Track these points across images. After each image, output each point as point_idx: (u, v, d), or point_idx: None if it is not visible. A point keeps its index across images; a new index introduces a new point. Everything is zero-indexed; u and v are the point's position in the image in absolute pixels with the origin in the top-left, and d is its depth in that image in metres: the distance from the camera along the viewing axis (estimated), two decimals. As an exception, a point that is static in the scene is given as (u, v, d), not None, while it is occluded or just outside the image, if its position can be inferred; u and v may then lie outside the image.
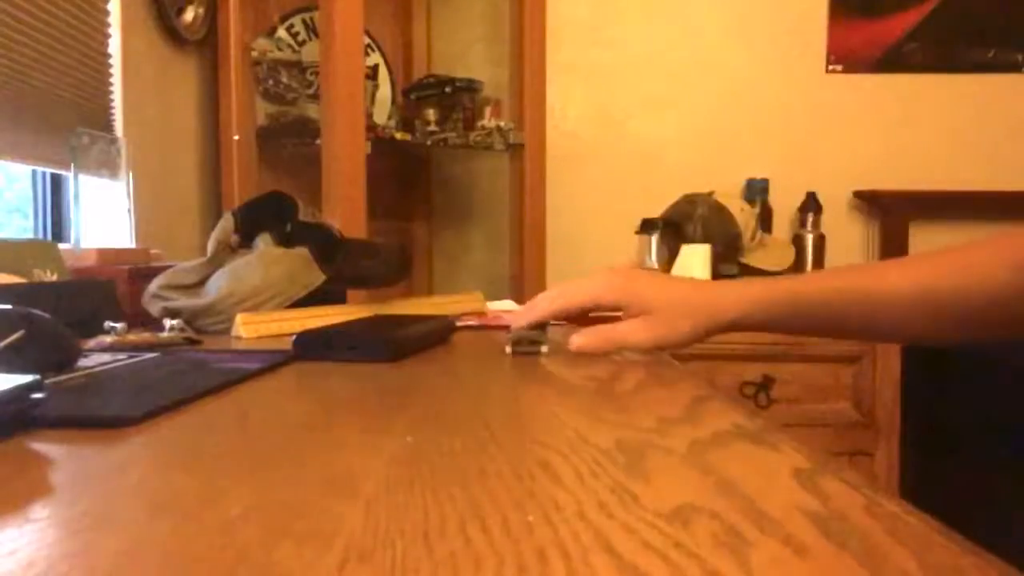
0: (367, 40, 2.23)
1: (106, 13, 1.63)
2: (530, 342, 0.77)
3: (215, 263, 1.05)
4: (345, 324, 0.88)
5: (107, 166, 1.44)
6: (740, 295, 0.73)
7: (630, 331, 0.72)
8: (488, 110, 2.24)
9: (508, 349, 0.77)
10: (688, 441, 0.43)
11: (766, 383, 1.96)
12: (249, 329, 0.94)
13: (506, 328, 0.83)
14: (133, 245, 1.49)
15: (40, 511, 0.33)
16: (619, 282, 0.75)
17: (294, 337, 0.77)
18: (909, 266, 0.70)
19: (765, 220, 2.39)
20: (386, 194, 2.25)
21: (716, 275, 2.06)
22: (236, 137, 2.01)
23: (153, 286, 1.02)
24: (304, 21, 2.23)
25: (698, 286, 0.77)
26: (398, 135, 2.16)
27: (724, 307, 0.73)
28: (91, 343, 0.80)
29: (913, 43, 2.50)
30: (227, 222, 1.08)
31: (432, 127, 2.21)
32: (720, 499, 0.33)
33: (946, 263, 0.68)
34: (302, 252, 1.03)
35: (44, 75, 1.43)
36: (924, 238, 2.48)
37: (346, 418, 0.54)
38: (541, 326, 0.79)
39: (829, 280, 0.74)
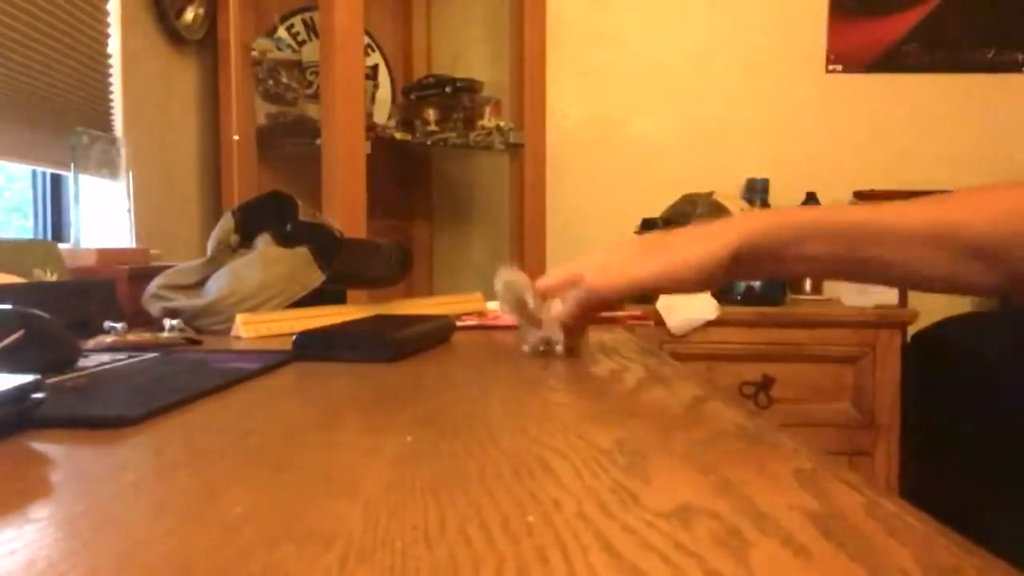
0: (367, 40, 2.23)
1: (106, 13, 1.63)
2: (549, 342, 0.78)
3: (215, 263, 1.05)
4: (345, 324, 0.88)
5: (107, 166, 1.44)
6: (747, 222, 0.69)
7: (629, 262, 0.71)
8: (488, 110, 2.24)
9: (526, 348, 0.78)
10: (688, 441, 0.43)
11: (766, 383, 1.96)
12: (249, 329, 0.94)
13: (512, 328, 0.83)
14: (133, 245, 1.49)
15: (40, 511, 0.33)
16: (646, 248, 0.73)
17: (294, 337, 0.77)
18: (924, 203, 0.66)
19: (765, 220, 2.39)
20: (386, 194, 2.25)
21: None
22: (236, 137, 2.01)
23: (153, 286, 1.02)
24: (304, 21, 2.23)
25: (701, 225, 0.73)
26: (398, 135, 2.16)
27: (728, 237, 0.67)
28: (91, 343, 0.80)
29: (913, 43, 2.50)
30: (227, 222, 1.08)
31: (432, 127, 2.21)
32: (720, 499, 0.33)
33: (957, 201, 0.64)
34: (302, 252, 1.03)
35: (44, 75, 1.43)
36: (924, 238, 2.47)
37: (346, 418, 0.54)
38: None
39: (839, 212, 0.69)
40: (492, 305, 1.24)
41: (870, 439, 1.96)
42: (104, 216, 1.44)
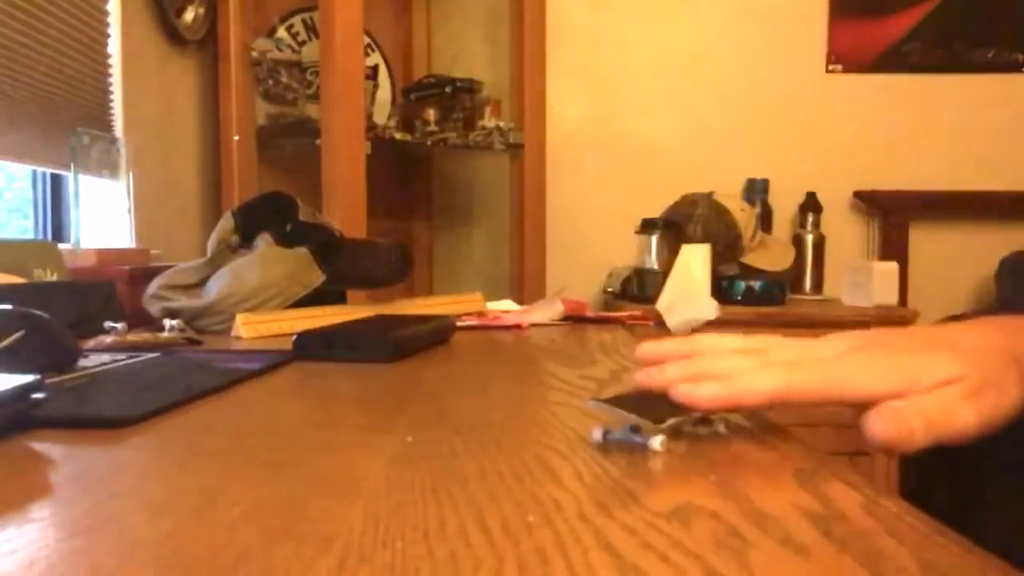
0: (367, 40, 2.23)
1: (106, 13, 1.63)
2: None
3: (215, 263, 1.05)
4: (345, 324, 0.88)
5: (107, 166, 1.44)
6: None
7: (950, 407, 0.43)
8: (488, 110, 2.24)
9: (598, 436, 0.42)
10: (688, 441, 0.43)
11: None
12: (249, 329, 0.94)
13: (513, 327, 0.82)
14: (133, 245, 1.49)
15: (40, 511, 0.33)
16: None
17: (294, 337, 0.77)
18: None
19: (765, 220, 2.39)
20: (386, 194, 2.25)
21: (716, 275, 2.06)
22: (236, 137, 2.01)
23: (153, 286, 1.02)
24: (304, 21, 2.23)
25: (986, 328, 0.49)
26: (398, 135, 2.15)
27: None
28: (91, 343, 0.80)
29: (913, 43, 2.50)
30: (227, 222, 1.08)
31: (432, 127, 2.21)
32: (720, 499, 0.33)
33: None
34: (302, 252, 1.03)
35: (44, 75, 1.43)
36: (924, 238, 2.48)
37: (346, 418, 0.54)
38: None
39: None
40: (492, 305, 1.24)
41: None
42: (104, 216, 1.44)
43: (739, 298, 2.06)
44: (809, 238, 2.36)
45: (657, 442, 0.40)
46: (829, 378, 0.44)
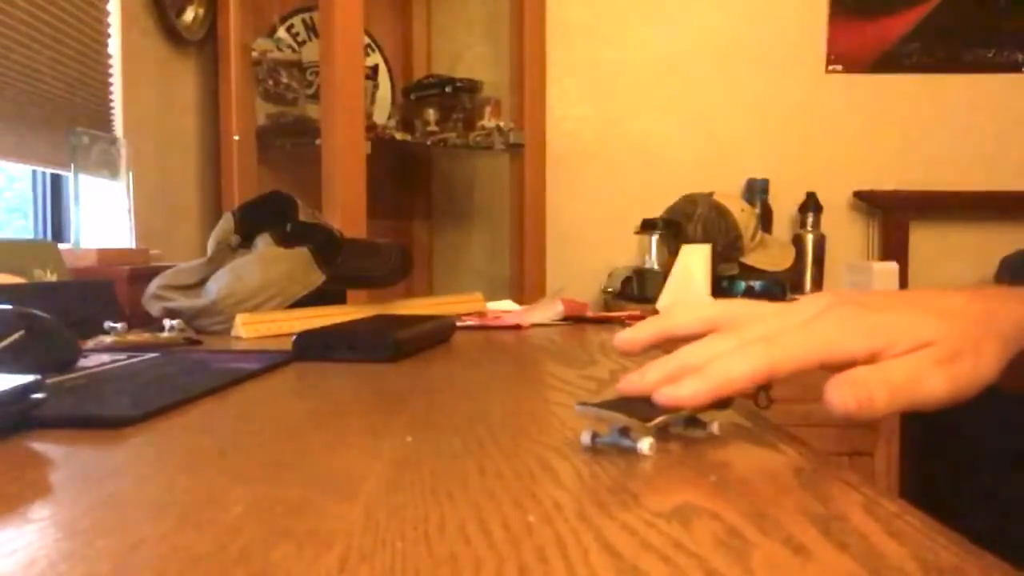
0: (367, 40, 2.23)
1: (106, 13, 1.63)
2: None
3: (215, 263, 1.05)
4: (345, 324, 0.88)
5: (107, 166, 1.44)
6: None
7: (919, 374, 0.41)
8: (488, 110, 2.24)
9: (587, 439, 0.42)
10: (688, 441, 0.43)
11: (766, 383, 1.96)
12: (249, 329, 0.94)
13: (513, 328, 0.82)
14: (133, 245, 1.49)
15: (40, 511, 0.33)
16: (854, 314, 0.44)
17: (294, 337, 0.77)
18: None
19: (765, 220, 2.39)
20: (386, 194, 2.25)
21: (716, 275, 2.06)
22: (236, 137, 2.01)
23: (153, 286, 1.02)
24: (304, 21, 2.23)
25: (971, 294, 0.46)
26: (398, 135, 2.16)
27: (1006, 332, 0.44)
28: (91, 343, 0.80)
29: (913, 43, 2.50)
30: (227, 222, 1.08)
31: (432, 127, 2.21)
32: (720, 499, 0.33)
33: None
34: (302, 252, 1.03)
35: (44, 75, 1.43)
36: (924, 238, 2.48)
37: (346, 418, 0.54)
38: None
39: None
40: (492, 305, 1.24)
41: (870, 439, 1.96)
42: (104, 216, 1.44)
43: (739, 298, 2.05)
44: (809, 238, 2.36)
45: (646, 445, 0.40)
46: (807, 345, 0.43)
